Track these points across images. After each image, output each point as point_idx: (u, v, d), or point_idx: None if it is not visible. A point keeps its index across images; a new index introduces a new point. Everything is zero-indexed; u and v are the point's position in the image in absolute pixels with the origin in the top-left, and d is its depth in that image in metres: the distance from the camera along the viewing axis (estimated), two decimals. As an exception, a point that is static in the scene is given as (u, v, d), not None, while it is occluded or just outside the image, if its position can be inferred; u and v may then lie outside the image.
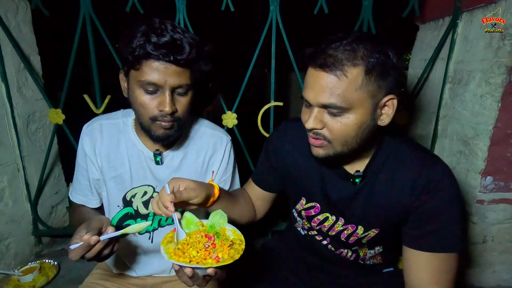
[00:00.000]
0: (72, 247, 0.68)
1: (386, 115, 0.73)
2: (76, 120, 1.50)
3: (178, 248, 0.66)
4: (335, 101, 0.67)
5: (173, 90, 0.83)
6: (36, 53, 1.60)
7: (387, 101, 0.71)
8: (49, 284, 1.41)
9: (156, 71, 0.79)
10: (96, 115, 1.39)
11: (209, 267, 0.62)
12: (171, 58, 0.78)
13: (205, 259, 0.63)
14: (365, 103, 0.68)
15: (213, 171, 1.02)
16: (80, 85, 1.81)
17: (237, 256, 0.64)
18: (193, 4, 1.38)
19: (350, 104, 0.67)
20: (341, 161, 0.84)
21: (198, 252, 0.65)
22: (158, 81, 0.80)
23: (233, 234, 0.74)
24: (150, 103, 0.83)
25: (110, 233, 0.71)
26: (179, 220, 0.75)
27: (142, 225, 0.74)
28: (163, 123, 0.85)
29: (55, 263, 1.51)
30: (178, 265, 0.64)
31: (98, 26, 1.33)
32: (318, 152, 0.77)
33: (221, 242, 0.68)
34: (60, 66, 1.72)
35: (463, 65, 1.35)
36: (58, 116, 1.44)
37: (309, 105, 0.73)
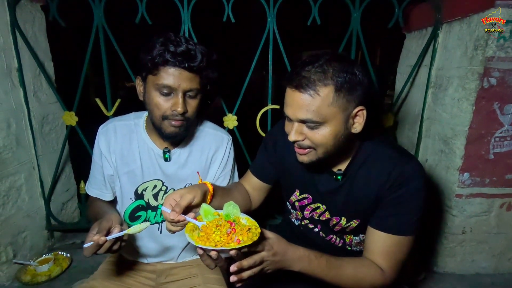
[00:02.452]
0: (85, 246, 0.81)
1: (358, 124, 0.84)
2: (85, 122, 1.62)
3: (202, 235, 0.73)
4: (311, 117, 0.78)
5: (184, 93, 0.95)
6: (50, 59, 1.72)
7: (357, 112, 0.82)
8: (63, 274, 1.52)
9: (172, 75, 0.92)
10: (106, 117, 1.52)
11: (232, 249, 0.69)
12: (186, 65, 0.91)
13: (227, 243, 0.71)
14: (337, 116, 0.80)
15: (198, 172, 1.12)
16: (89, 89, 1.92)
17: (255, 238, 0.71)
18: (197, 15, 1.49)
19: (324, 118, 0.79)
20: (325, 163, 0.95)
21: (221, 237, 0.72)
22: (173, 84, 0.92)
23: (247, 221, 0.81)
24: (164, 104, 0.95)
25: (116, 233, 0.83)
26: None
27: (142, 226, 0.85)
28: (173, 122, 0.97)
29: (68, 255, 1.62)
30: (202, 249, 0.71)
31: (110, 37, 1.45)
32: (303, 159, 0.89)
33: (240, 227, 0.76)
34: (72, 71, 1.84)
35: (443, 72, 1.48)
36: (72, 118, 1.55)
37: (290, 120, 0.85)
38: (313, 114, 0.78)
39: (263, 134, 1.58)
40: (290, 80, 0.80)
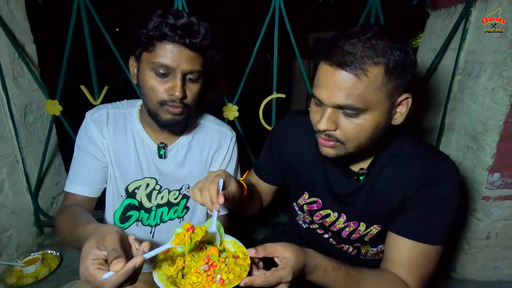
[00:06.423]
0: (105, 276, 0.54)
1: (400, 114, 0.70)
2: (74, 111, 1.47)
3: (174, 280, 0.58)
4: (352, 102, 0.63)
5: (184, 76, 0.81)
6: (31, 41, 1.54)
7: (403, 100, 0.68)
8: (52, 275, 1.42)
9: (170, 53, 0.77)
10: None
11: None
12: (187, 41, 0.77)
13: (208, 283, 0.56)
14: (383, 103, 0.65)
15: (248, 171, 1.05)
16: (78, 75, 1.75)
17: (244, 275, 0.57)
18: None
19: (367, 105, 0.64)
20: (348, 160, 0.81)
21: (198, 277, 0.57)
22: (170, 64, 0.78)
23: (234, 246, 0.67)
24: (160, 87, 0.81)
25: (150, 248, 0.59)
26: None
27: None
28: (171, 109, 0.83)
29: (57, 253, 1.52)
30: None
31: (93, 14, 1.27)
32: (328, 152, 0.74)
33: (223, 258, 0.62)
34: (57, 54, 1.66)
35: (475, 56, 1.29)
36: (55, 108, 1.41)
37: (321, 104, 0.69)
38: (356, 99, 0.63)
39: (267, 126, 1.43)
40: (329, 55, 0.64)
